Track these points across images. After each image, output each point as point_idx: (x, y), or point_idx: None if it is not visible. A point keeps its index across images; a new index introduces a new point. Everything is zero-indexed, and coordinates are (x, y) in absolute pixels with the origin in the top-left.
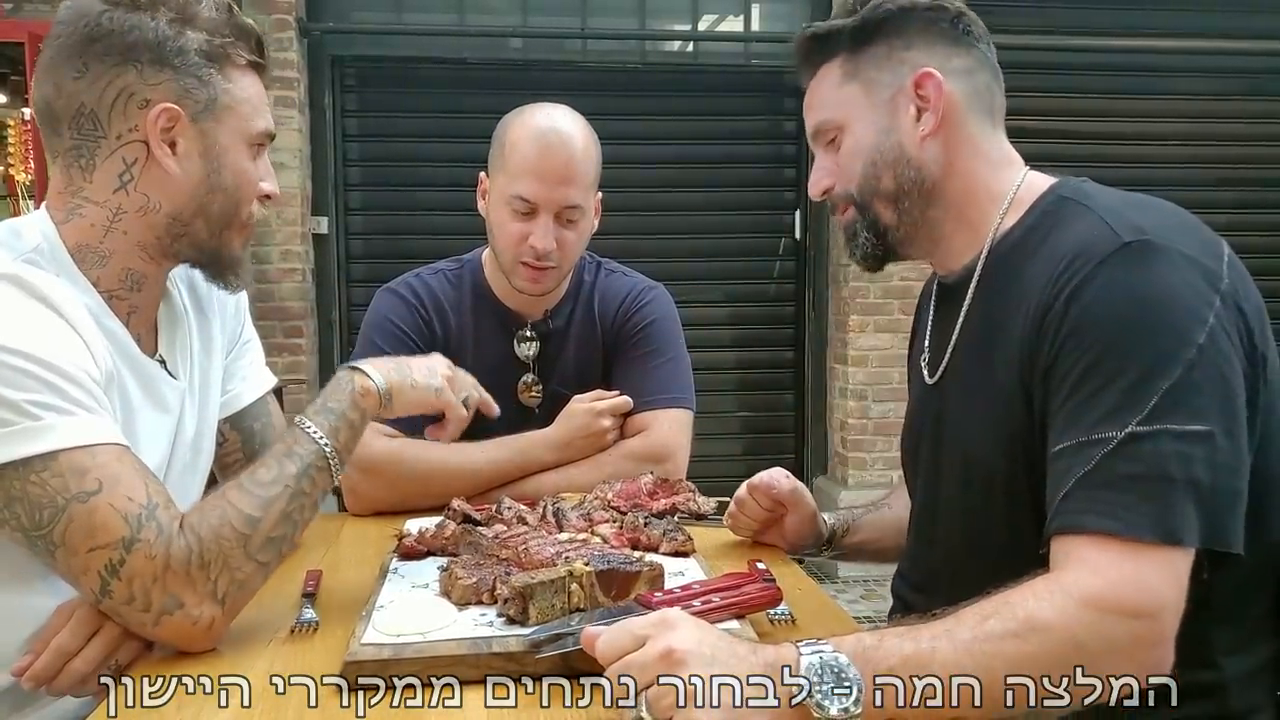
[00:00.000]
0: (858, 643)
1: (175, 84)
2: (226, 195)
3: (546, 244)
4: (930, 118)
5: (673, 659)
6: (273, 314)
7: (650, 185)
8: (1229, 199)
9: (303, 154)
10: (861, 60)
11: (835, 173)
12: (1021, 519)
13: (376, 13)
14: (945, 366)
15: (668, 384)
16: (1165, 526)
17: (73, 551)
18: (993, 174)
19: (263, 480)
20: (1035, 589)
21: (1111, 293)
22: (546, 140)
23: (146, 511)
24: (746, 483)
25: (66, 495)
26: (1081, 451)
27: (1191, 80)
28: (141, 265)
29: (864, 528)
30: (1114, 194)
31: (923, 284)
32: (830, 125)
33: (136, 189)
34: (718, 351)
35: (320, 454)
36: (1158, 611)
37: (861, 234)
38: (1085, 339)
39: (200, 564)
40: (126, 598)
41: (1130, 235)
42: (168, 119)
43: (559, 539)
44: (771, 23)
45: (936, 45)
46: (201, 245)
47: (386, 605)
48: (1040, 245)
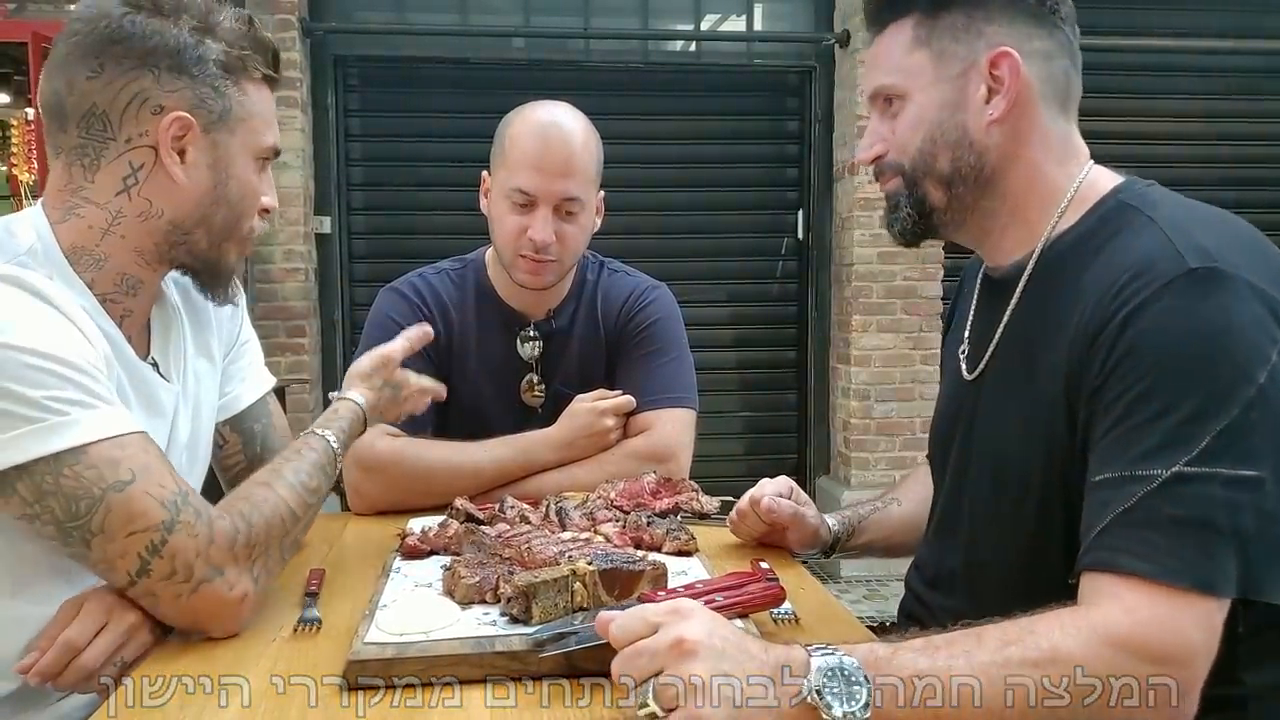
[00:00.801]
0: (870, 651)
1: (191, 93)
2: (230, 208)
3: (545, 236)
4: (1001, 101)
5: (683, 648)
6: (275, 314)
7: (653, 185)
8: (1231, 199)
9: (305, 154)
10: (937, 26)
11: (889, 141)
12: (1051, 529)
13: (379, 13)
14: (985, 364)
15: (670, 384)
16: (1203, 575)
17: (111, 538)
18: (1056, 168)
19: (311, 488)
20: (1062, 620)
21: (1171, 321)
22: (546, 134)
23: (180, 497)
24: (749, 495)
25: (102, 486)
26: (1123, 486)
27: (1194, 80)
28: (137, 270)
29: (870, 528)
30: (1181, 205)
31: (928, 283)
32: (891, 90)
33: (140, 194)
34: (720, 351)
35: (331, 481)
36: (1188, 659)
37: (905, 208)
38: (1139, 366)
39: (247, 544)
40: (167, 573)
41: (1196, 260)
42: (180, 128)
43: (562, 538)
44: (774, 22)
45: (1019, 22)
46: (199, 255)
47: (389, 604)
48: (1098, 253)
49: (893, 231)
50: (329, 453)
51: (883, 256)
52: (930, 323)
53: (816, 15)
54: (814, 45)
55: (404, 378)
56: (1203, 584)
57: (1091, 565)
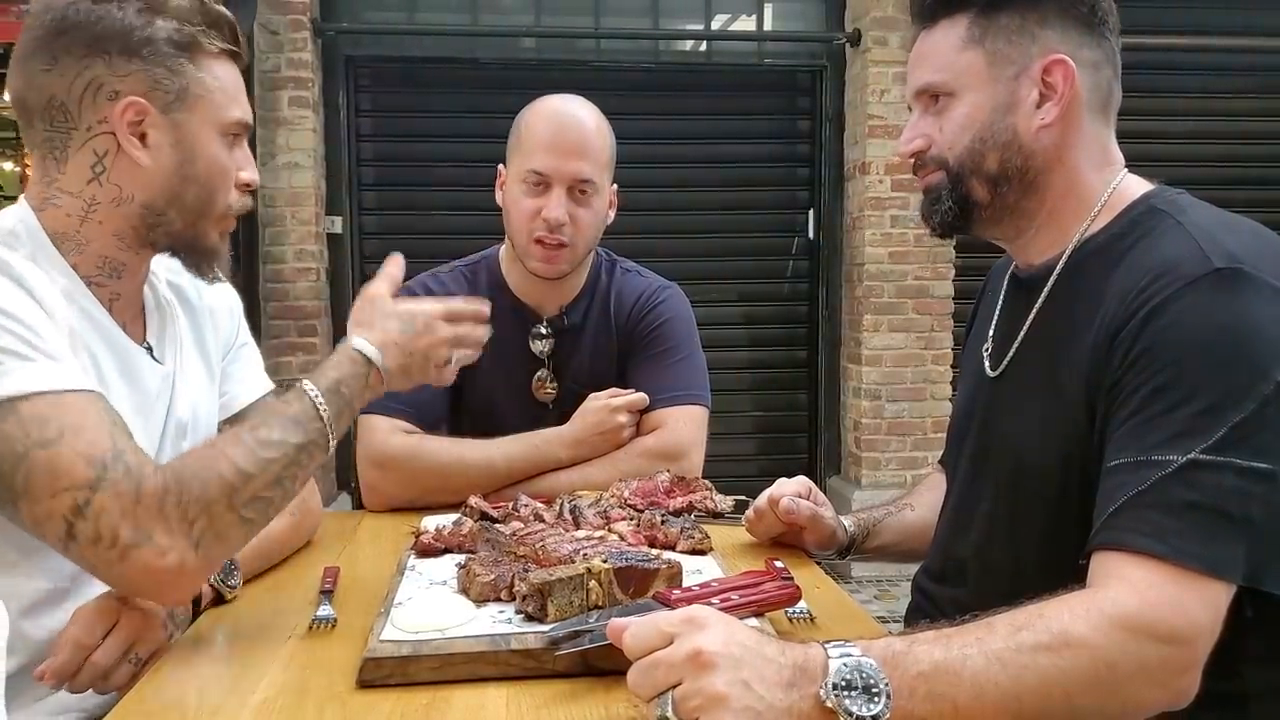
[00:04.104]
0: (887, 647)
1: (145, 74)
2: (200, 186)
3: (559, 214)
4: (1054, 108)
5: (701, 660)
6: (287, 313)
7: (664, 185)
8: (1241, 198)
9: (317, 154)
10: (991, 27)
11: (933, 137)
12: (1065, 527)
13: (390, 13)
14: (1009, 362)
15: (682, 381)
16: (1212, 558)
17: (35, 499)
18: (1094, 173)
19: (265, 440)
20: (1071, 604)
21: (1194, 317)
22: (559, 118)
23: (113, 455)
24: (767, 495)
25: (26, 443)
26: (1138, 470)
27: (1203, 78)
28: (119, 254)
29: (884, 531)
30: (1209, 211)
31: (939, 282)
32: (940, 88)
33: (109, 180)
34: (731, 351)
35: (324, 434)
36: (1193, 638)
37: (946, 202)
38: (1159, 359)
39: (177, 502)
40: (92, 536)
41: (1222, 261)
42: (135, 112)
43: (576, 536)
44: (785, 22)
45: (1071, 30)
46: (177, 235)
47: (404, 602)
48: (1125, 255)
49: (930, 222)
50: (305, 402)
51: (894, 256)
52: (941, 322)
53: (827, 15)
54: (825, 45)
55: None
56: (1212, 567)
57: (1103, 544)
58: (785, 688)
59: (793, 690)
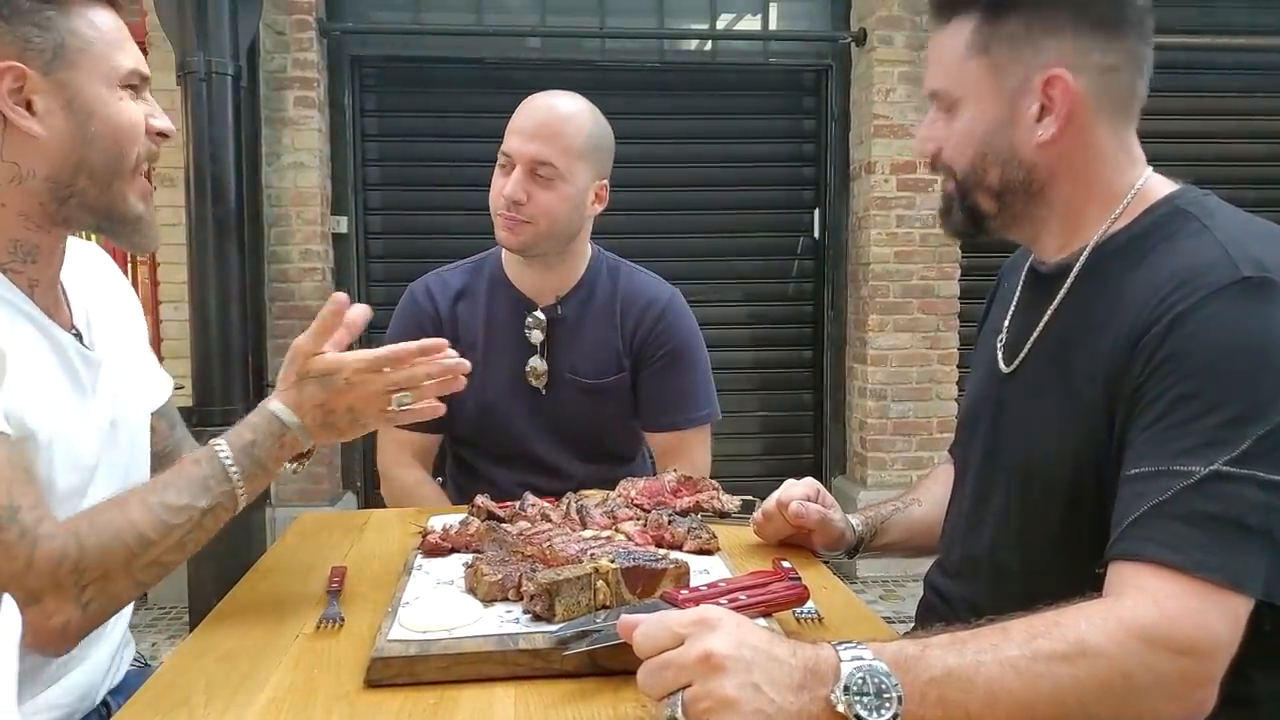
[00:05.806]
0: (899, 651)
1: (12, 37)
2: (105, 145)
3: (514, 192)
4: (1052, 124)
5: (712, 663)
6: (292, 313)
7: (668, 184)
8: (1251, 198)
9: (322, 154)
10: (995, 34)
11: (946, 140)
12: (1080, 525)
13: (396, 13)
14: (1024, 358)
15: (701, 399)
16: (1234, 571)
17: None
18: (1113, 175)
19: (171, 505)
20: (1088, 613)
21: (1220, 326)
22: (532, 103)
23: (9, 513)
24: (776, 499)
25: None
26: (1159, 480)
27: (1209, 77)
28: (29, 235)
29: (892, 529)
30: (1237, 216)
31: (945, 282)
32: (946, 96)
33: (3, 157)
34: (736, 351)
35: (232, 496)
36: (1212, 651)
37: (957, 212)
38: (1184, 367)
39: (74, 570)
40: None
41: (1250, 269)
42: (13, 79)
43: (583, 536)
44: (790, 21)
45: (1082, 34)
46: (93, 205)
47: (412, 602)
48: (1147, 256)
49: (945, 229)
50: (215, 465)
51: (899, 256)
52: (947, 322)
53: (833, 14)
54: (830, 44)
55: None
56: (1233, 580)
57: (1122, 554)
58: (796, 690)
59: (803, 693)
